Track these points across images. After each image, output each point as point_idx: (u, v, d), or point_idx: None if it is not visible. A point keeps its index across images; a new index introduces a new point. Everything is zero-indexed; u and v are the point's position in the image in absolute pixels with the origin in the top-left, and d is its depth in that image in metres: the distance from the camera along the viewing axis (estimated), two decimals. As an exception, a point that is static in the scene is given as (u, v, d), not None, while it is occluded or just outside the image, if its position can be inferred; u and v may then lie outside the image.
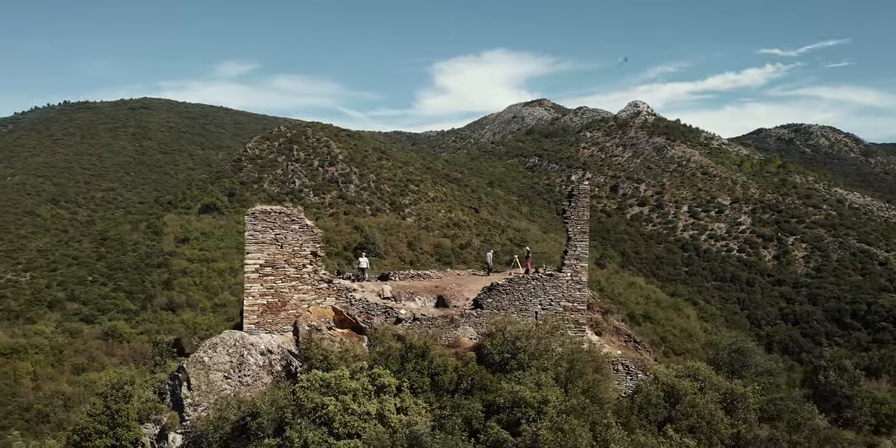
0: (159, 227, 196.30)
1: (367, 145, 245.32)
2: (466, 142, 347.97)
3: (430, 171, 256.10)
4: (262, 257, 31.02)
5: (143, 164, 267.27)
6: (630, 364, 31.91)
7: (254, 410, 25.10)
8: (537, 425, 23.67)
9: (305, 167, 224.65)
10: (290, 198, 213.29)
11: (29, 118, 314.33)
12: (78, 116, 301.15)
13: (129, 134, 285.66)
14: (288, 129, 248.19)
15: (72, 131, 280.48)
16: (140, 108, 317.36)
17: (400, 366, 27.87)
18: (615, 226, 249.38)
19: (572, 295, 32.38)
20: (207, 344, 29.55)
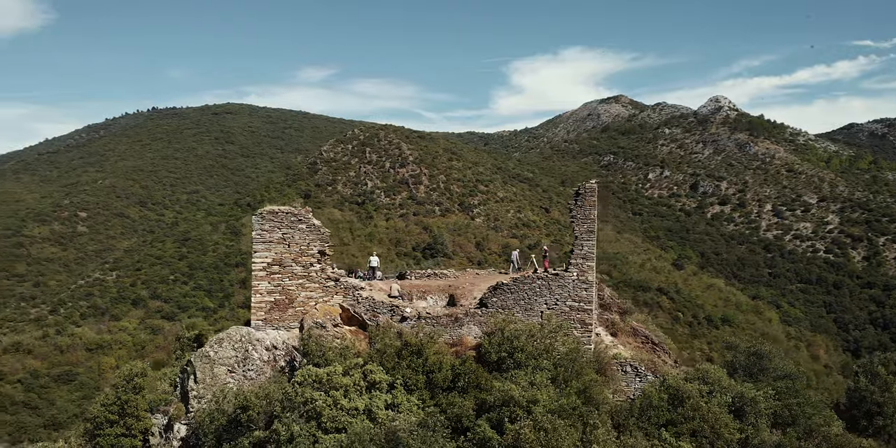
0: (238, 228, 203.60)
1: (438, 146, 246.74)
2: (539, 141, 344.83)
3: (501, 171, 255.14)
4: (270, 256, 31.73)
5: (226, 168, 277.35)
6: (639, 365, 30.84)
7: (245, 403, 25.66)
8: (520, 424, 23.48)
9: (377, 169, 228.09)
10: (362, 199, 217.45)
11: (119, 124, 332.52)
12: (165, 122, 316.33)
13: (213, 138, 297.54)
14: (361, 132, 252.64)
15: (159, 136, 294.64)
16: (223, 114, 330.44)
17: (395, 363, 27.96)
18: (694, 225, 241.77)
19: (578, 295, 31.50)
20: (214, 339, 30.49)
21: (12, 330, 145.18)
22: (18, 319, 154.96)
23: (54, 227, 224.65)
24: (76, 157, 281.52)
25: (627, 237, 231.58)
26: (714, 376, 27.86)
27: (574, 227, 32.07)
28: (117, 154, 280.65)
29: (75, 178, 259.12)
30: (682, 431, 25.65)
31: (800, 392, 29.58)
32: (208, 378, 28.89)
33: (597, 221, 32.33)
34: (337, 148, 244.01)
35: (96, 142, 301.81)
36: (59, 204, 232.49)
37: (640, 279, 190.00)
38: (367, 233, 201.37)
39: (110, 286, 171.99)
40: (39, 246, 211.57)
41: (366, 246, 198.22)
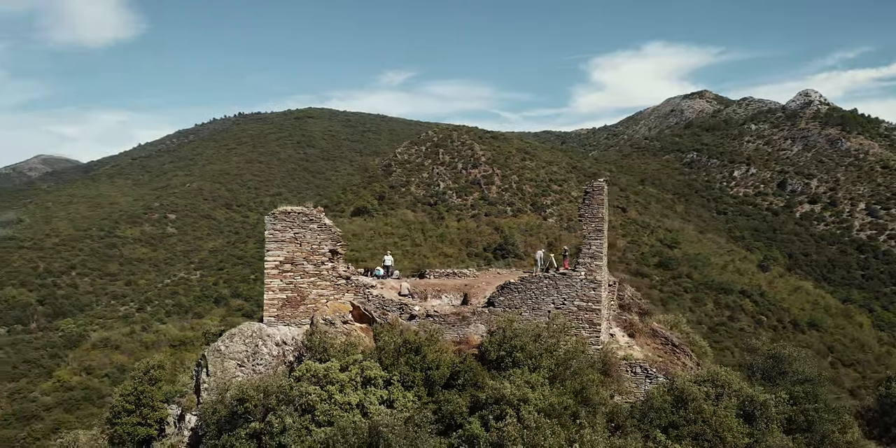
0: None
1: (511, 146, 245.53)
2: (619, 138, 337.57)
3: (576, 170, 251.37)
4: (282, 254, 32.55)
5: (307, 171, 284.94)
6: (649, 367, 29.86)
7: (241, 396, 26.39)
8: (505, 421, 23.49)
9: (450, 170, 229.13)
10: (434, 200, 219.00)
11: (207, 129, 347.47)
12: (250, 127, 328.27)
13: (295, 142, 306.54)
14: (435, 134, 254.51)
15: (244, 141, 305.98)
16: (305, 118, 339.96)
17: (394, 360, 28.13)
18: (782, 225, 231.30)
19: (586, 294, 30.78)
20: (227, 334, 31.54)
21: (102, 326, 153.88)
22: (108, 316, 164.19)
23: (145, 228, 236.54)
24: (167, 162, 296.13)
25: (710, 237, 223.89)
26: (724, 379, 26.71)
27: (582, 226, 31.56)
28: (205, 158, 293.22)
29: (165, 181, 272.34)
30: (682, 434, 24.90)
31: (819, 397, 27.92)
32: (219, 371, 29.91)
33: (606, 220, 31.76)
34: (411, 150, 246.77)
35: (185, 146, 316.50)
36: (149, 206, 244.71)
37: (722, 281, 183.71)
38: (439, 234, 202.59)
39: (194, 285, 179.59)
40: (131, 246, 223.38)
41: (437, 247, 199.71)
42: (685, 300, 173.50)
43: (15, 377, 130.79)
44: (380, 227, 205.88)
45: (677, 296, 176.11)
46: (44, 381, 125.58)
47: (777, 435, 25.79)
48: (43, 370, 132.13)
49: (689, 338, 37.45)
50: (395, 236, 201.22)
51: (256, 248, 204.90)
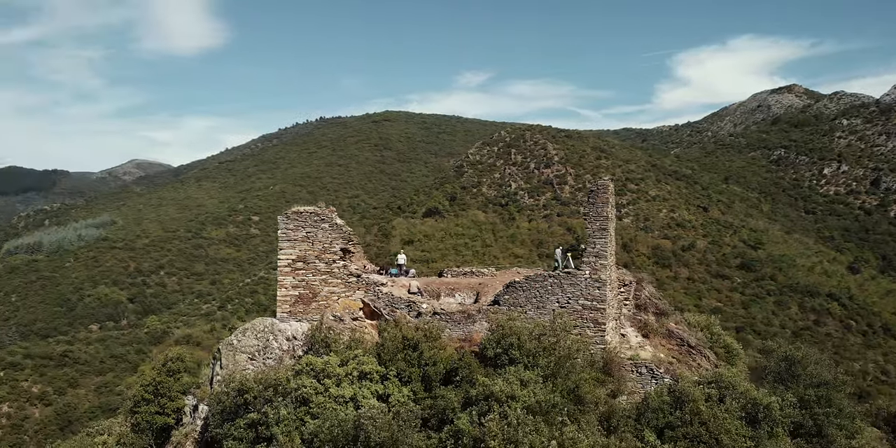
0: (388, 231, 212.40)
1: (586, 145, 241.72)
2: (702, 135, 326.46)
3: (655, 168, 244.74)
4: (294, 253, 33.45)
5: (384, 173, 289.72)
6: (656, 367, 29.07)
7: (242, 387, 27.32)
8: (488, 417, 23.56)
9: (521, 170, 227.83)
10: (505, 201, 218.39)
11: (290, 133, 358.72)
12: (330, 131, 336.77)
13: (372, 145, 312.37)
14: (507, 134, 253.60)
15: (324, 144, 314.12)
16: (382, 121, 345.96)
17: (392, 356, 28.49)
18: (875, 225, 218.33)
19: (591, 293, 30.18)
20: (240, 329, 32.72)
21: (185, 323, 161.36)
22: (191, 314, 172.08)
23: (230, 229, 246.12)
24: (251, 165, 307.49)
25: (797, 238, 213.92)
26: (728, 381, 25.80)
27: (587, 225, 31.08)
28: (287, 161, 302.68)
29: (249, 184, 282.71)
30: (677, 435, 24.30)
31: (832, 401, 26.51)
32: (231, 364, 31.01)
33: (613, 219, 31.20)
34: (483, 150, 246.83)
35: (269, 150, 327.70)
36: (234, 208, 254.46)
37: (809, 283, 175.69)
38: (510, 234, 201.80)
39: (271, 285, 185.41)
40: (216, 247, 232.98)
41: (507, 247, 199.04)
42: (768, 303, 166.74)
43: (102, 371, 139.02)
44: (450, 228, 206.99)
45: (760, 298, 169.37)
46: (129, 376, 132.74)
47: (783, 439, 24.91)
48: (129, 365, 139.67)
49: (719, 340, 36.07)
50: (466, 237, 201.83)
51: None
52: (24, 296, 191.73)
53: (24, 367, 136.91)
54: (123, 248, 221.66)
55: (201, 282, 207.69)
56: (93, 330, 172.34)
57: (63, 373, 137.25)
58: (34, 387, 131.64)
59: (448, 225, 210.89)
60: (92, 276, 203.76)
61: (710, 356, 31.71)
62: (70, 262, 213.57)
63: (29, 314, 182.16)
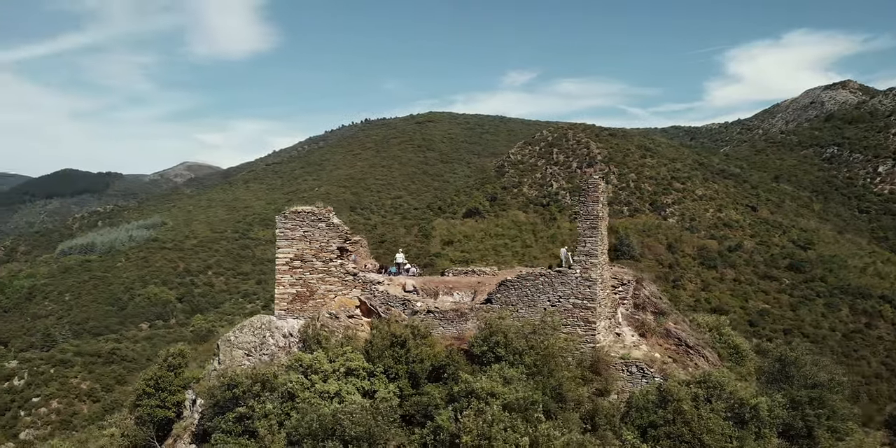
0: (428, 231, 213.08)
1: (630, 143, 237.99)
2: (753, 133, 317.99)
3: (703, 166, 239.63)
4: (292, 251, 34.03)
5: (427, 174, 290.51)
6: (646, 367, 28.67)
7: (231, 382, 27.92)
8: (462, 413, 23.95)
9: (563, 170, 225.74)
10: (546, 201, 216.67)
11: (336, 136, 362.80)
12: (374, 132, 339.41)
13: (415, 146, 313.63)
14: (550, 133, 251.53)
15: (368, 146, 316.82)
16: (425, 122, 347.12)
17: (380, 353, 28.75)
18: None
19: (581, 292, 29.87)
20: (239, 325, 33.40)
21: (229, 323, 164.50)
22: (236, 313, 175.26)
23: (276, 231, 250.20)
24: (297, 167, 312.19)
25: (850, 238, 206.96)
26: (715, 381, 25.24)
27: (577, 224, 30.88)
28: (332, 163, 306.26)
29: (296, 186, 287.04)
30: (660, 434, 24.12)
31: (826, 403, 25.71)
32: (228, 360, 31.72)
33: (604, 218, 30.91)
34: (524, 150, 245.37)
35: (315, 152, 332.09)
36: (280, 209, 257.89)
37: (861, 285, 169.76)
38: (550, 234, 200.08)
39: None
40: (263, 248, 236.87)
41: (548, 248, 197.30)
42: (817, 305, 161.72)
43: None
44: (490, 229, 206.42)
45: (809, 300, 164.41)
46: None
47: (770, 440, 24.46)
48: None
49: (727, 341, 35.27)
50: (506, 237, 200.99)
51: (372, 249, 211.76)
52: (78, 295, 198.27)
53: (73, 364, 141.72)
54: (173, 248, 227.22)
55: (247, 281, 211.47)
56: (142, 328, 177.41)
57: (111, 370, 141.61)
58: (83, 383, 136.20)
59: (488, 225, 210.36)
60: (142, 276, 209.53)
61: (709, 356, 31.00)
62: (121, 263, 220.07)
63: (81, 313, 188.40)
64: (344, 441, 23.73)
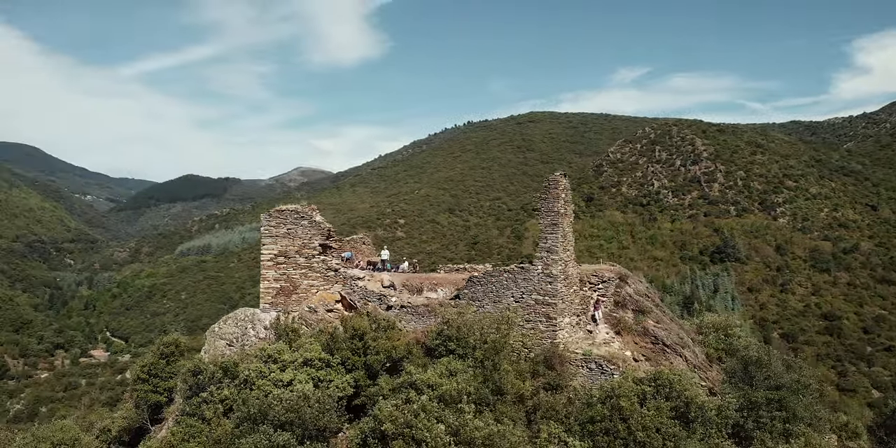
0: (521, 232, 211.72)
1: (739, 140, 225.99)
2: (879, 127, 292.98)
3: (819, 164, 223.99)
4: (276, 248, 35.08)
5: (526, 174, 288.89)
6: (605, 363, 27.83)
7: (195, 369, 29.29)
8: (386, 402, 24.49)
9: (666, 168, 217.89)
10: (646, 200, 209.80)
11: (439, 139, 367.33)
12: (475, 134, 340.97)
13: (515, 147, 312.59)
14: (652, 130, 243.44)
15: (468, 148, 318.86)
16: (526, 122, 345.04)
17: (340, 345, 29.28)
18: None
19: (543, 288, 29.11)
20: (224, 317, 34.81)
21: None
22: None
23: (378, 232, 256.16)
24: (400, 170, 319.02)
25: None
26: (665, 379, 24.27)
27: (539, 221, 30.30)
28: (433, 166, 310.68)
29: (398, 189, 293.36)
30: (596, 430, 23.63)
31: (786, 405, 24.02)
32: (212, 349, 33.15)
33: (567, 215, 30.06)
34: (624, 148, 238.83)
35: (417, 156, 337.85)
36: (383, 212, 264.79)
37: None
38: (650, 235, 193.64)
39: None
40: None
41: (646, 249, 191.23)
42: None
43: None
44: (585, 230, 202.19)
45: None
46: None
47: (714, 440, 23.55)
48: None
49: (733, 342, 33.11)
50: (601, 239, 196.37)
51: (466, 250, 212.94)
52: (193, 293, 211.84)
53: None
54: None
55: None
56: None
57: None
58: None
59: (583, 226, 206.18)
60: (252, 276, 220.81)
61: (688, 357, 29.25)
62: (234, 263, 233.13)
63: (196, 310, 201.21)
64: (276, 425, 24.45)
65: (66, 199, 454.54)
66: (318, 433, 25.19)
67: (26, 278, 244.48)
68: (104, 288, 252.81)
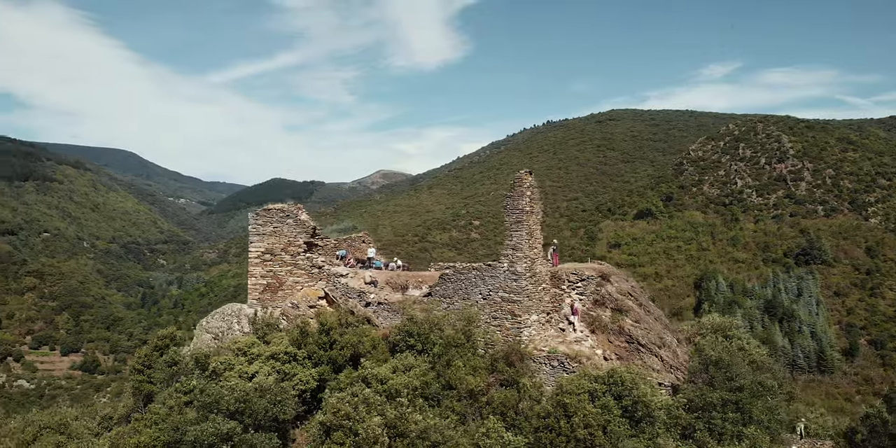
0: (595, 234, 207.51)
1: (830, 136, 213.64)
2: None
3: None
4: (263, 246, 35.95)
5: (605, 174, 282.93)
6: (567, 361, 27.25)
7: (171, 360, 30.49)
8: (333, 395, 25.31)
9: (750, 166, 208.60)
10: (728, 200, 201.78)
11: (517, 139, 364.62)
12: (553, 134, 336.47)
13: (594, 146, 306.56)
14: (736, 127, 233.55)
15: (546, 148, 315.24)
16: (607, 121, 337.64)
17: (306, 340, 29.92)
18: None
19: (508, 286, 28.62)
20: (213, 312, 36.02)
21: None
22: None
23: (452, 233, 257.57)
24: (477, 172, 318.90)
25: None
26: (617, 378, 23.87)
27: (504, 218, 29.97)
28: (510, 167, 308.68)
29: (473, 190, 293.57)
30: (538, 425, 23.66)
31: (743, 408, 23.01)
32: (198, 342, 34.30)
33: (534, 212, 29.57)
34: (707, 146, 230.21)
35: (494, 157, 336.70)
36: (457, 214, 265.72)
37: None
38: (731, 236, 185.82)
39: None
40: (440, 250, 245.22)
41: (727, 251, 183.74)
42: None
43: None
44: (662, 231, 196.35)
45: None
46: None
47: (658, 440, 23.09)
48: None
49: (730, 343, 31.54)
50: (680, 240, 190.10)
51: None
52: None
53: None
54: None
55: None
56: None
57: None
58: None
59: (660, 227, 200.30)
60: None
61: (664, 356, 28.09)
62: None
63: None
64: (227, 414, 25.19)
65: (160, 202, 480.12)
66: (270, 423, 25.76)
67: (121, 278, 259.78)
68: (192, 287, 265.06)
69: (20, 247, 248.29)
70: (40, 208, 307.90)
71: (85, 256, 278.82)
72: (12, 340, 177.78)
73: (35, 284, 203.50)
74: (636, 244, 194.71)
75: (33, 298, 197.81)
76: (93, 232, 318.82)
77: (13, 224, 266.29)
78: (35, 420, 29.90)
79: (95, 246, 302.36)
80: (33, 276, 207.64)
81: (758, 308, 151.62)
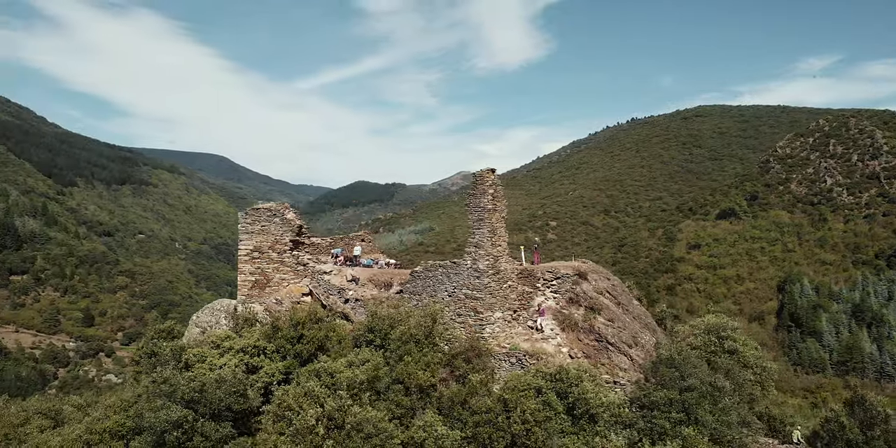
0: (674, 234, 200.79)
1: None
2: None
3: None
4: (251, 244, 36.81)
5: (691, 172, 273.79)
6: (525, 358, 27.15)
7: (150, 352, 31.69)
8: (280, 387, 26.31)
9: (841, 163, 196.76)
10: (817, 199, 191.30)
11: (598, 138, 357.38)
12: (636, 132, 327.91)
13: (680, 143, 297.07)
14: (826, 123, 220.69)
15: (628, 146, 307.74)
16: (693, 117, 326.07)
17: (275, 334, 30.53)
18: None
19: (471, 283, 28.29)
20: (203, 307, 37.13)
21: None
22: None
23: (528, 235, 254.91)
24: (555, 172, 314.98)
25: None
26: (563, 375, 24.04)
27: (467, 216, 29.67)
28: (589, 166, 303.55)
29: (552, 190, 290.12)
30: (480, 420, 23.61)
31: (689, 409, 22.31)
32: (189, 336, 35.48)
33: (497, 210, 29.08)
34: (795, 143, 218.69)
35: (574, 156, 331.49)
36: (534, 214, 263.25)
37: None
38: (818, 237, 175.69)
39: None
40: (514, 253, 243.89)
41: (814, 253, 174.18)
42: None
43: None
44: (745, 231, 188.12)
45: None
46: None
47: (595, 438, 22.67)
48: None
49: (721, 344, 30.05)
50: (763, 241, 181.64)
51: (612, 253, 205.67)
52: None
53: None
54: (435, 251, 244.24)
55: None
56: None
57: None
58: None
59: (743, 227, 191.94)
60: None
61: (633, 355, 26.99)
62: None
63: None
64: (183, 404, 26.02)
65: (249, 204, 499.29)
66: (226, 413, 26.40)
67: (210, 277, 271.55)
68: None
69: (115, 248, 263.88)
70: (136, 211, 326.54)
71: (177, 257, 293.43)
72: (104, 337, 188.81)
73: (126, 283, 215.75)
74: (717, 245, 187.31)
75: (125, 297, 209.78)
76: (185, 233, 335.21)
77: (110, 226, 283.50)
78: (29, 406, 31.71)
79: (187, 247, 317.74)
80: (125, 275, 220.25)
81: (844, 312, 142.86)
